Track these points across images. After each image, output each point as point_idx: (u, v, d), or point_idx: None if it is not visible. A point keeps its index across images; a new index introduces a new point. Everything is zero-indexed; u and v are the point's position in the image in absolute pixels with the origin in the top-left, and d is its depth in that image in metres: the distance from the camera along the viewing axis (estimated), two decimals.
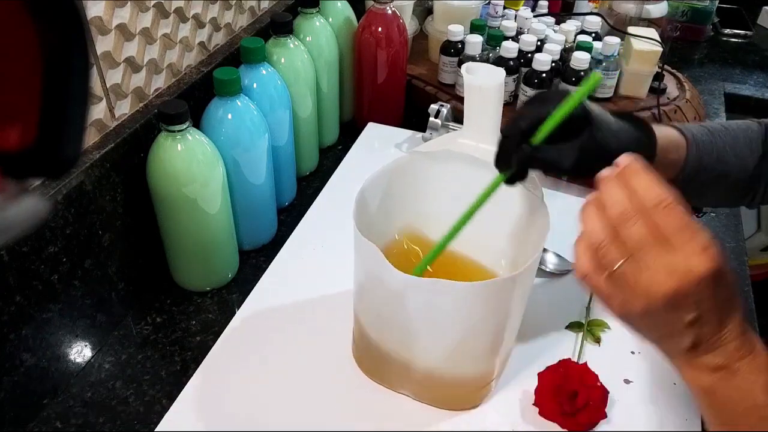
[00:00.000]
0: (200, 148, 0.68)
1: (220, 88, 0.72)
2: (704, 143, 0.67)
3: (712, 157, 0.67)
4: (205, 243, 0.73)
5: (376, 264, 0.55)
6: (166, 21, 0.74)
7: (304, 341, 0.70)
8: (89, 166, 0.64)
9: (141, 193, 0.71)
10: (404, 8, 1.11)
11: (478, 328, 0.57)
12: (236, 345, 0.69)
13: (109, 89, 0.68)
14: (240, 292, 0.77)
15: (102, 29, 0.64)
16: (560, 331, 0.71)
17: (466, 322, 0.56)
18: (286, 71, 0.83)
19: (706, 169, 0.67)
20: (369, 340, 0.63)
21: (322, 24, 0.91)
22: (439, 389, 0.63)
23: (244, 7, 0.91)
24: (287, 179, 0.89)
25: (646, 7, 1.24)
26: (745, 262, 0.85)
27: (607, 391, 0.63)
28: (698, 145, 0.66)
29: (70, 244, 0.63)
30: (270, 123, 0.78)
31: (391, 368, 0.63)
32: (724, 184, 0.68)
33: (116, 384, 0.67)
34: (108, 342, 0.71)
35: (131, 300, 0.74)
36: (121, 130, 0.69)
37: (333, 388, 0.65)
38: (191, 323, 0.74)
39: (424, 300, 0.55)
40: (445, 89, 1.10)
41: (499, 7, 1.15)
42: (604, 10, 1.27)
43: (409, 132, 1.02)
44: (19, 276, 0.58)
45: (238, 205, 0.77)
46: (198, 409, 0.63)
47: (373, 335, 0.63)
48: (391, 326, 0.60)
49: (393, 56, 0.99)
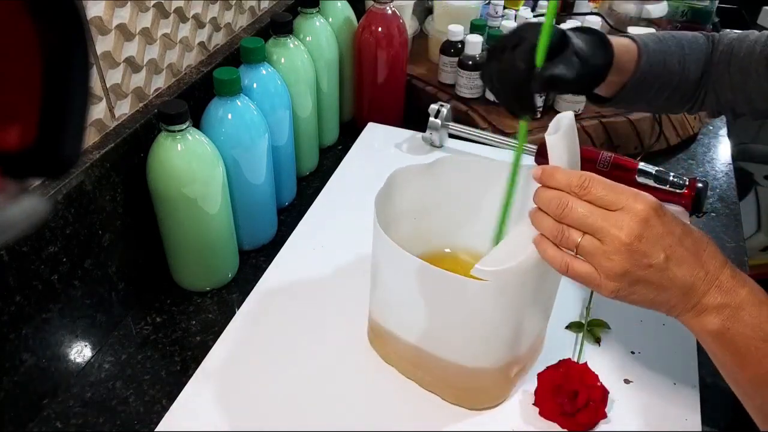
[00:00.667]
0: (200, 148, 0.68)
1: (220, 88, 0.72)
2: (653, 50, 0.73)
3: (660, 63, 0.73)
4: (205, 243, 0.73)
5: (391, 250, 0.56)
6: (166, 21, 0.74)
7: (304, 341, 0.70)
8: (89, 166, 0.64)
9: (141, 193, 0.71)
10: (404, 8, 1.11)
11: (490, 321, 0.57)
12: (236, 345, 0.69)
13: (109, 89, 0.68)
14: (240, 292, 0.77)
15: (102, 29, 0.64)
16: (560, 331, 0.71)
17: (477, 314, 0.57)
18: (286, 71, 0.83)
19: (653, 74, 0.73)
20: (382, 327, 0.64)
21: (322, 24, 0.91)
22: (455, 383, 0.63)
23: (244, 7, 0.91)
24: (287, 179, 0.89)
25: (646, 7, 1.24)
26: (745, 262, 0.85)
27: (607, 391, 0.63)
28: (648, 52, 0.72)
29: (70, 244, 0.63)
30: (270, 123, 0.78)
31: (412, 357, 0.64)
32: (668, 89, 0.75)
33: (116, 384, 0.67)
34: (108, 342, 0.71)
35: (131, 300, 0.74)
36: (121, 130, 0.69)
37: (334, 387, 0.65)
38: (191, 323, 0.74)
39: (434, 290, 0.56)
40: (445, 89, 1.10)
41: (499, 7, 1.15)
42: (604, 10, 1.27)
43: (409, 132, 1.02)
44: (19, 276, 0.58)
45: (238, 205, 0.77)
46: (198, 409, 0.63)
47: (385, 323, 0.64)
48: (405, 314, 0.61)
49: (393, 56, 0.99)
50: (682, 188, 0.87)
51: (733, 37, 0.75)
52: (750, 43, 0.73)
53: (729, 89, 0.74)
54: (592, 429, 0.62)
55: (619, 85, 0.72)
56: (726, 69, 0.74)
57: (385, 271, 0.61)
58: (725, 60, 0.74)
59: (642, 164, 0.88)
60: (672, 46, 0.74)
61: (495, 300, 0.55)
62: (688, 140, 1.07)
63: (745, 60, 0.72)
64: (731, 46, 0.74)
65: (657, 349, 0.70)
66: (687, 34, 0.77)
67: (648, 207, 0.47)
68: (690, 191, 0.87)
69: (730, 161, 1.04)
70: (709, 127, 1.11)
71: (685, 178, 0.87)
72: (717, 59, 0.75)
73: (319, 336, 0.70)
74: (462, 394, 0.64)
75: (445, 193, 0.69)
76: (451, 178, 0.68)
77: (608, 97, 0.75)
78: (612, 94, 0.74)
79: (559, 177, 0.49)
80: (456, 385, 0.63)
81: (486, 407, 0.64)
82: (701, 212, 0.90)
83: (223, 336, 0.70)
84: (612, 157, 0.89)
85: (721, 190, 0.98)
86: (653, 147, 1.03)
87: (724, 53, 0.74)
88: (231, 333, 0.70)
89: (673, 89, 0.75)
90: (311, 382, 0.66)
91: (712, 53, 0.75)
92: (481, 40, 1.04)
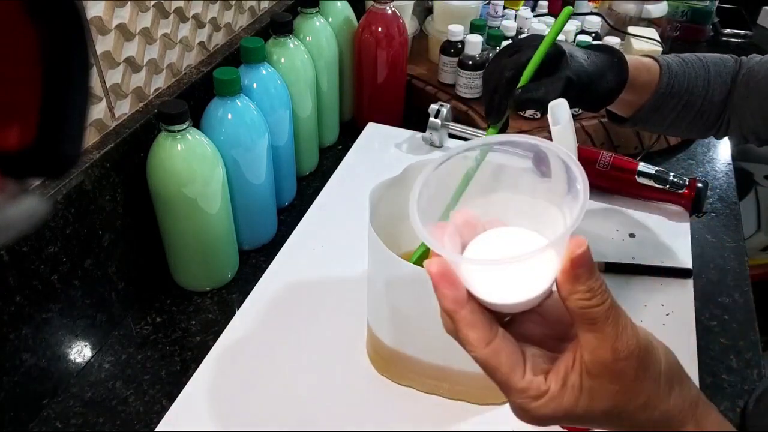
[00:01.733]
0: (200, 148, 0.68)
1: (220, 88, 0.72)
2: (676, 71, 0.71)
3: (683, 85, 0.71)
4: (205, 243, 0.73)
5: (385, 254, 0.56)
6: (166, 21, 0.74)
7: (304, 341, 0.70)
8: (89, 166, 0.64)
9: (141, 193, 0.71)
10: (404, 8, 1.11)
11: None
12: (236, 345, 0.69)
13: (109, 89, 0.68)
14: (240, 292, 0.77)
15: (102, 29, 0.64)
16: None
17: None
18: (286, 71, 0.83)
19: (676, 95, 0.71)
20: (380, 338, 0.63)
21: (322, 24, 0.91)
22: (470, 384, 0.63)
23: (244, 7, 0.91)
24: (287, 179, 0.89)
25: (646, 7, 1.24)
26: (745, 262, 0.85)
27: None
28: (670, 71, 0.70)
29: (70, 244, 0.63)
30: (270, 123, 0.78)
31: (416, 366, 0.63)
32: (691, 112, 0.72)
33: (116, 384, 0.67)
34: (108, 342, 0.71)
35: (131, 300, 0.74)
36: (121, 130, 0.69)
37: (333, 387, 0.65)
38: (191, 323, 0.74)
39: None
40: (445, 89, 1.10)
41: (499, 7, 1.15)
42: (604, 10, 1.27)
43: (409, 132, 1.02)
44: (19, 276, 0.58)
45: (238, 205, 0.77)
46: (198, 409, 0.63)
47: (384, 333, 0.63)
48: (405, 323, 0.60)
49: (393, 56, 0.99)
50: (682, 188, 0.87)
51: (757, 60, 0.73)
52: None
53: (749, 114, 0.72)
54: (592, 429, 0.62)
55: (637, 105, 0.71)
56: (746, 93, 0.72)
57: (402, 301, 0.60)
58: (746, 83, 0.72)
59: (642, 164, 0.88)
60: (697, 68, 0.72)
61: None
62: (688, 140, 1.07)
63: (764, 83, 0.70)
64: (753, 69, 0.72)
65: None
66: (715, 56, 0.75)
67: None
68: (690, 191, 0.87)
69: (730, 161, 1.04)
70: None
71: (685, 178, 0.87)
72: (739, 82, 0.72)
73: (319, 336, 0.70)
74: (490, 393, 0.63)
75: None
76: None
77: (626, 117, 0.73)
78: (630, 114, 0.72)
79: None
80: (487, 385, 0.63)
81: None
82: (701, 212, 0.90)
83: (222, 336, 0.70)
84: (612, 157, 0.89)
85: (721, 190, 0.98)
86: (653, 147, 1.03)
87: (745, 76, 0.72)
88: (231, 333, 0.70)
89: (697, 112, 0.73)
90: (311, 381, 0.66)
91: (735, 76, 0.73)
92: (481, 40, 1.03)
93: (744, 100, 0.72)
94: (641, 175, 0.87)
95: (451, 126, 0.97)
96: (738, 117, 0.73)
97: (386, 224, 0.62)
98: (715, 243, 0.88)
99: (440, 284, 0.34)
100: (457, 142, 0.99)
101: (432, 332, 0.60)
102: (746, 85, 0.71)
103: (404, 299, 0.59)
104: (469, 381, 0.63)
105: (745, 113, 0.72)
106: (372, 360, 0.68)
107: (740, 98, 0.72)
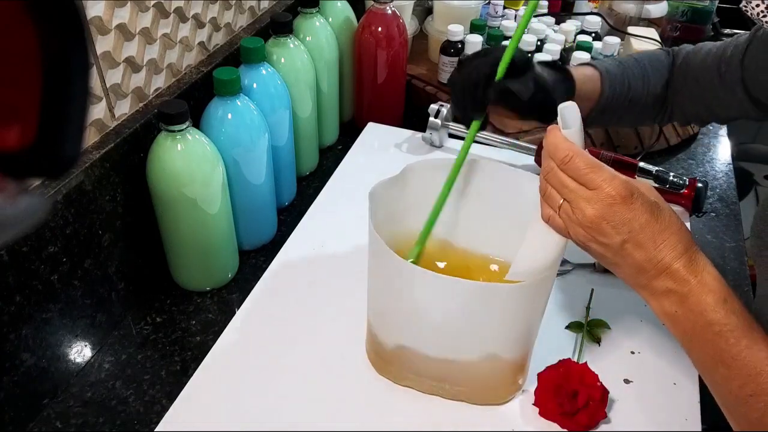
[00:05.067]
0: (200, 148, 0.68)
1: (220, 88, 0.72)
2: (615, 75, 0.78)
3: (624, 86, 0.78)
4: (205, 243, 0.73)
5: (387, 255, 0.56)
6: (166, 21, 0.74)
7: (304, 340, 0.70)
8: (89, 166, 0.64)
9: (141, 193, 0.71)
10: (404, 8, 1.11)
11: (522, 318, 0.58)
12: (236, 345, 0.69)
13: (109, 89, 0.68)
14: (240, 292, 0.77)
15: (102, 29, 0.64)
16: (560, 331, 0.71)
17: (512, 313, 0.57)
18: (286, 71, 0.83)
19: (619, 97, 0.78)
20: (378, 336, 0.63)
21: (322, 24, 0.91)
22: (469, 383, 0.63)
23: (244, 7, 0.91)
24: (287, 179, 0.89)
25: (646, 7, 1.24)
26: (745, 262, 0.85)
27: (607, 391, 0.63)
28: (610, 76, 0.78)
29: (70, 244, 0.63)
30: (270, 123, 0.78)
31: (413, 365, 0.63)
32: (635, 108, 0.80)
33: (116, 384, 0.67)
34: (108, 342, 0.71)
35: (131, 300, 0.74)
36: (121, 130, 0.69)
37: (333, 388, 0.65)
38: (191, 323, 0.74)
39: (433, 295, 0.57)
40: (445, 89, 1.10)
41: (499, 7, 1.15)
42: (604, 10, 1.27)
43: (409, 132, 1.02)
44: (19, 276, 0.58)
45: (238, 205, 0.77)
46: (198, 409, 0.63)
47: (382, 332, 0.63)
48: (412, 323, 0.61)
49: (393, 56, 0.99)
50: (682, 188, 0.87)
51: (689, 49, 0.80)
52: (703, 55, 0.78)
53: (689, 100, 0.80)
54: (592, 429, 0.62)
55: (587, 110, 0.78)
56: (684, 81, 0.79)
57: (420, 297, 0.59)
58: (682, 73, 0.80)
59: (642, 164, 0.88)
60: (633, 67, 0.79)
61: (531, 297, 0.57)
62: (688, 140, 1.07)
63: (699, 71, 0.78)
64: (687, 59, 0.80)
65: (657, 349, 0.70)
66: (648, 52, 0.84)
67: (617, 192, 0.50)
68: (690, 191, 0.87)
69: (730, 161, 1.04)
70: (708, 127, 1.11)
71: (685, 178, 0.87)
72: (676, 73, 0.80)
73: (319, 336, 0.70)
74: (490, 393, 0.64)
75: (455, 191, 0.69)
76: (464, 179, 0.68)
77: None
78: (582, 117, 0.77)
79: (549, 145, 0.53)
80: (487, 385, 0.63)
81: (511, 397, 0.65)
82: (701, 212, 0.90)
83: (222, 336, 0.70)
84: (612, 157, 0.89)
85: (721, 190, 0.98)
86: (653, 147, 1.03)
87: (681, 66, 0.80)
88: (231, 333, 0.70)
89: (642, 107, 0.80)
90: (311, 381, 0.66)
91: (671, 67, 0.81)
92: (481, 40, 1.04)
93: (683, 87, 0.80)
94: (641, 175, 0.87)
95: (451, 126, 0.97)
96: (679, 104, 0.81)
97: (386, 224, 0.62)
98: (715, 243, 0.88)
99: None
100: (457, 142, 0.99)
101: (432, 332, 0.60)
102: (683, 74, 0.80)
103: (404, 298, 0.59)
104: (469, 381, 0.63)
105: (684, 99, 0.80)
106: (372, 360, 0.68)
107: (679, 86, 0.80)
